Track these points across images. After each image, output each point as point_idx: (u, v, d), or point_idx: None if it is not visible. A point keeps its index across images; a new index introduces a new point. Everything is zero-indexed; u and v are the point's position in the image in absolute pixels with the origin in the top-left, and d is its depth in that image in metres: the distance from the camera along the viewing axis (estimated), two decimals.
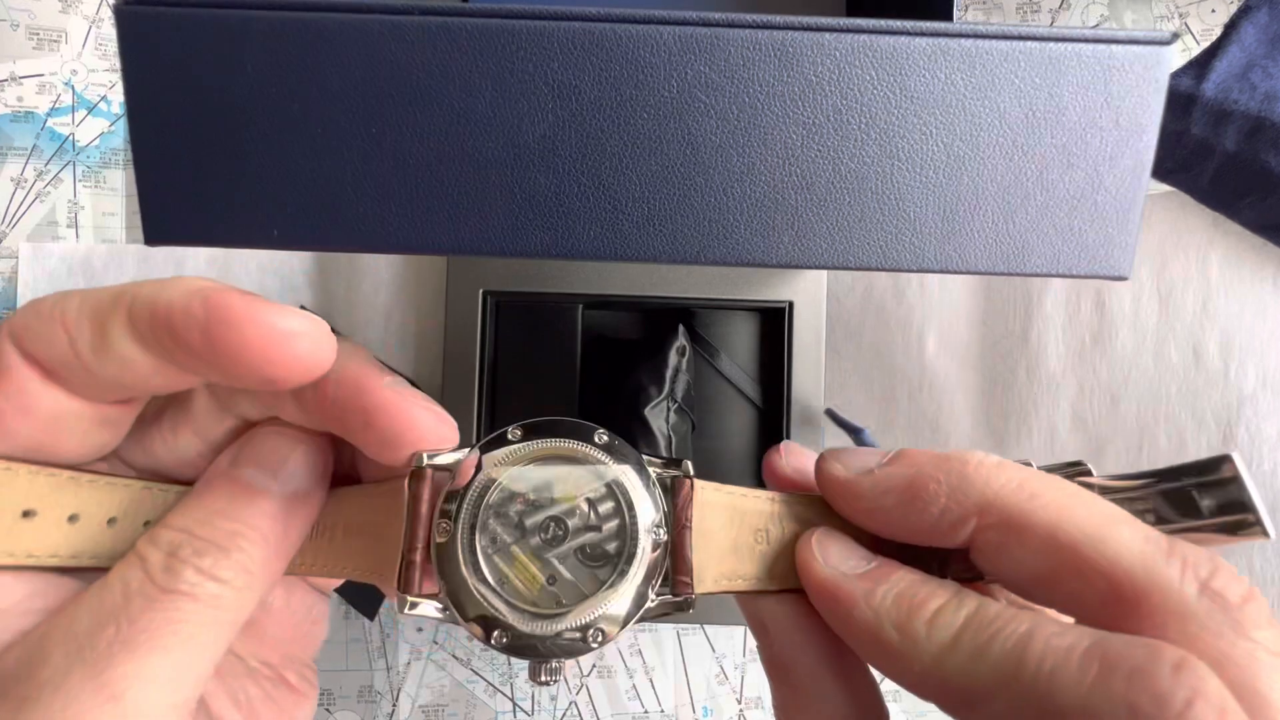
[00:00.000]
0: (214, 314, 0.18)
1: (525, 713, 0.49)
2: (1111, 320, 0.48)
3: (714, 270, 0.44)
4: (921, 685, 0.19)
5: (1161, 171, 0.44)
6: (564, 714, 0.49)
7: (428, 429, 0.21)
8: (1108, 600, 0.18)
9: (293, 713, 0.23)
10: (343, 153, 0.23)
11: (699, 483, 0.22)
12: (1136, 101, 0.24)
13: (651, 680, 0.50)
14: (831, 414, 0.44)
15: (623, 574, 0.21)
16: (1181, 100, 0.41)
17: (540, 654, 0.20)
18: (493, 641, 0.20)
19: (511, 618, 0.20)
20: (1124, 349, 0.48)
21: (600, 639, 0.21)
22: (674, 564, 0.21)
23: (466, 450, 0.22)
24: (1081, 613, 0.18)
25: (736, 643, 0.50)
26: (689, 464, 0.22)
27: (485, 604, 0.20)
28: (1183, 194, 0.46)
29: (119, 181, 0.50)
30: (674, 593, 0.21)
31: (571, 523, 0.21)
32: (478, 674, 0.50)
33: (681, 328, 0.46)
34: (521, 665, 0.50)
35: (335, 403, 0.21)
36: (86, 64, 0.50)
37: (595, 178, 0.24)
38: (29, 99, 0.49)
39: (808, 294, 0.45)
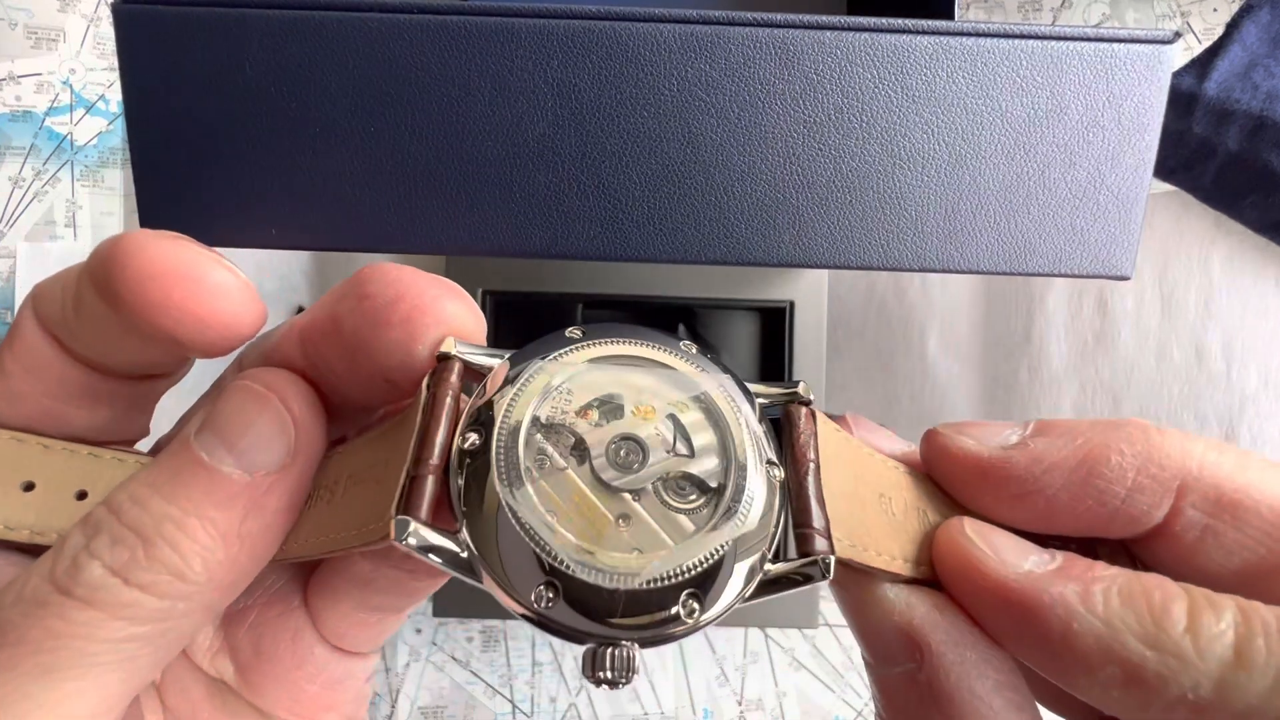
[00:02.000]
0: (131, 261, 0.15)
1: (525, 714, 0.49)
2: (1113, 320, 0.48)
3: (714, 270, 0.44)
4: None
5: (1163, 171, 0.44)
6: (564, 715, 0.49)
7: (456, 314, 0.16)
8: None
9: None
10: (342, 152, 0.23)
11: (821, 415, 0.17)
12: (1138, 100, 0.24)
13: (651, 682, 0.50)
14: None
15: (729, 515, 0.14)
16: (1183, 99, 0.41)
17: (603, 633, 0.14)
18: (535, 602, 0.14)
19: (568, 562, 0.14)
20: (1126, 349, 0.48)
21: (696, 611, 0.14)
22: (798, 515, 0.15)
23: (507, 353, 0.16)
24: None
25: (737, 644, 0.50)
26: (805, 385, 0.17)
27: (528, 540, 0.14)
28: (1185, 193, 0.46)
29: (117, 181, 0.50)
30: (803, 551, 0.15)
31: (650, 445, 0.15)
32: (477, 676, 0.49)
33: (682, 328, 0.46)
34: (522, 666, 0.49)
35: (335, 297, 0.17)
36: (85, 63, 0.50)
37: (595, 177, 0.24)
38: (27, 98, 0.49)
39: (808, 294, 0.45)
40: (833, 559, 0.15)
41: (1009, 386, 0.48)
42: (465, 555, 0.15)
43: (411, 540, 0.14)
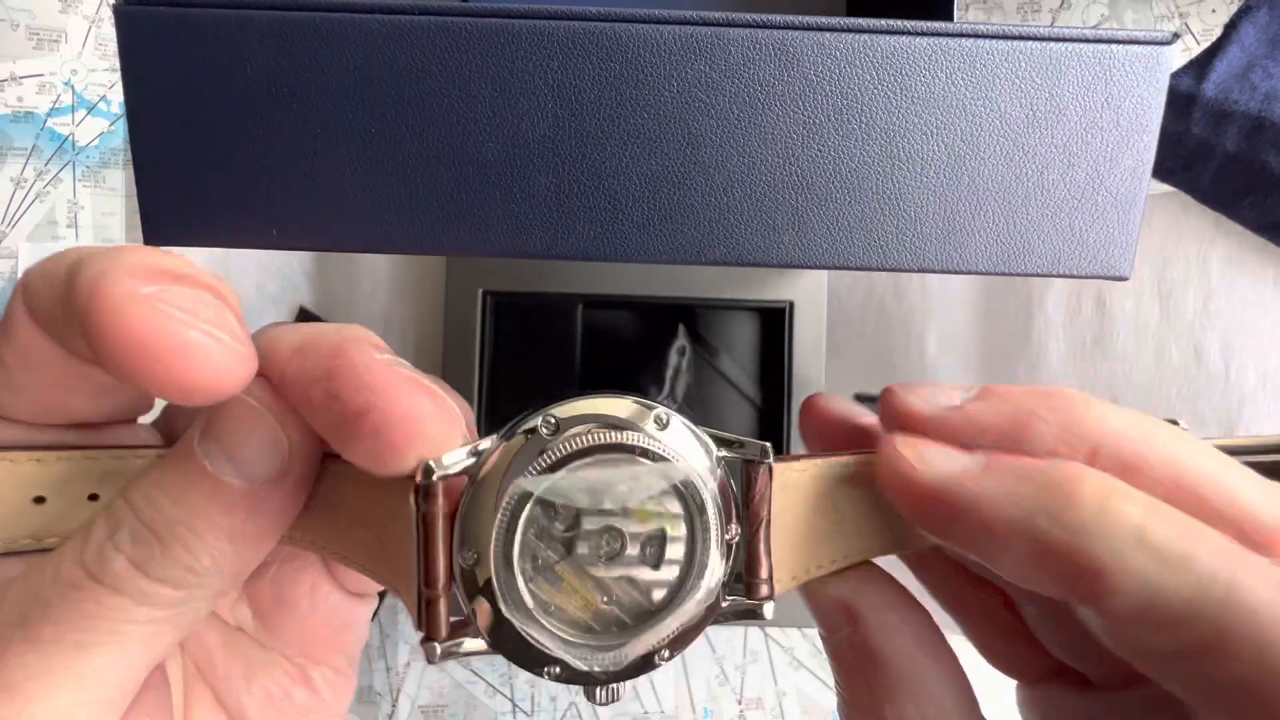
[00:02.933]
0: (109, 330, 0.15)
1: (525, 713, 0.49)
2: (1112, 320, 0.48)
3: (714, 270, 0.44)
4: (1130, 622, 0.14)
5: (1162, 171, 0.44)
6: (564, 714, 0.49)
7: (430, 424, 0.17)
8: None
9: (309, 712, 0.21)
10: (342, 152, 0.23)
11: (779, 466, 0.19)
12: (1137, 101, 0.24)
13: (651, 681, 0.50)
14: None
15: (695, 586, 0.18)
16: (1182, 100, 0.41)
17: (601, 681, 0.18)
18: (545, 675, 0.18)
19: (567, 654, 0.18)
20: (1125, 349, 0.48)
21: (668, 656, 0.18)
22: (749, 564, 0.19)
23: (486, 442, 0.18)
24: None
25: (736, 643, 0.50)
26: (768, 446, 0.19)
27: (534, 643, 0.17)
28: (1183, 194, 0.46)
29: (119, 181, 0.50)
30: (749, 596, 0.19)
31: (630, 532, 0.18)
32: (477, 674, 0.50)
33: (681, 328, 0.46)
34: None
35: (304, 382, 0.17)
36: (86, 64, 0.50)
37: (595, 178, 0.24)
38: (29, 99, 0.49)
39: (808, 294, 0.45)
40: (770, 604, 0.19)
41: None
42: (486, 646, 0.18)
43: (445, 659, 0.18)
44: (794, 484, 0.19)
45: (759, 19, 0.23)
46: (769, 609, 0.19)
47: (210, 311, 0.16)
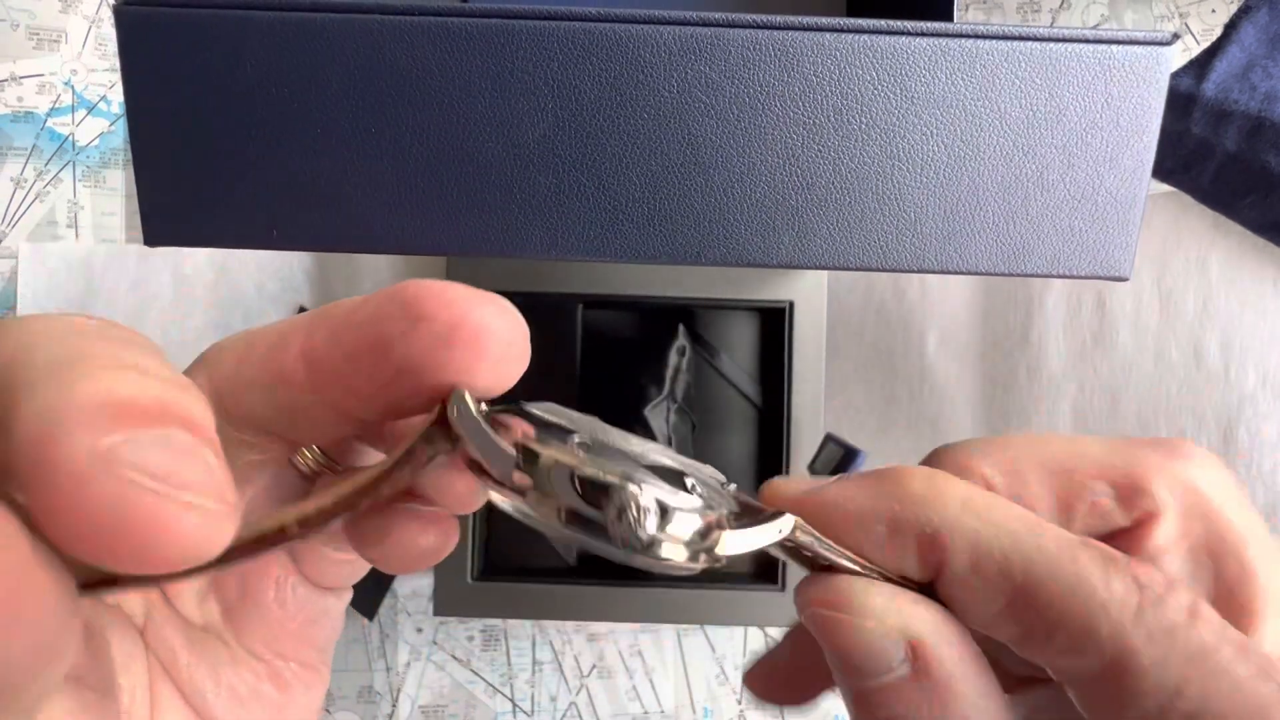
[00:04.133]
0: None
1: (525, 713, 0.49)
2: (1112, 320, 0.48)
3: (714, 270, 0.44)
4: (969, 581, 0.16)
5: (1162, 172, 0.44)
6: (564, 714, 0.49)
7: (508, 331, 0.16)
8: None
9: (280, 708, 0.21)
10: (342, 153, 0.23)
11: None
12: (1137, 101, 0.24)
13: (651, 681, 0.50)
14: (831, 438, 0.44)
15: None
16: (1182, 100, 0.41)
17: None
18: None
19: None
20: (1125, 349, 0.48)
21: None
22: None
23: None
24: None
25: (737, 644, 0.50)
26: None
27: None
28: (1183, 194, 0.46)
29: (119, 181, 0.50)
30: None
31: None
32: (477, 674, 0.50)
33: (681, 328, 0.46)
34: (522, 665, 0.50)
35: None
36: (86, 64, 0.50)
37: (595, 178, 0.24)
38: (29, 99, 0.49)
39: (808, 294, 0.45)
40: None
41: (1008, 387, 0.49)
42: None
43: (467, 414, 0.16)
44: None
45: (759, 19, 0.23)
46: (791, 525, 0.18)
47: (187, 464, 0.13)
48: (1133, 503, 0.18)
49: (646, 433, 0.44)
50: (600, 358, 0.47)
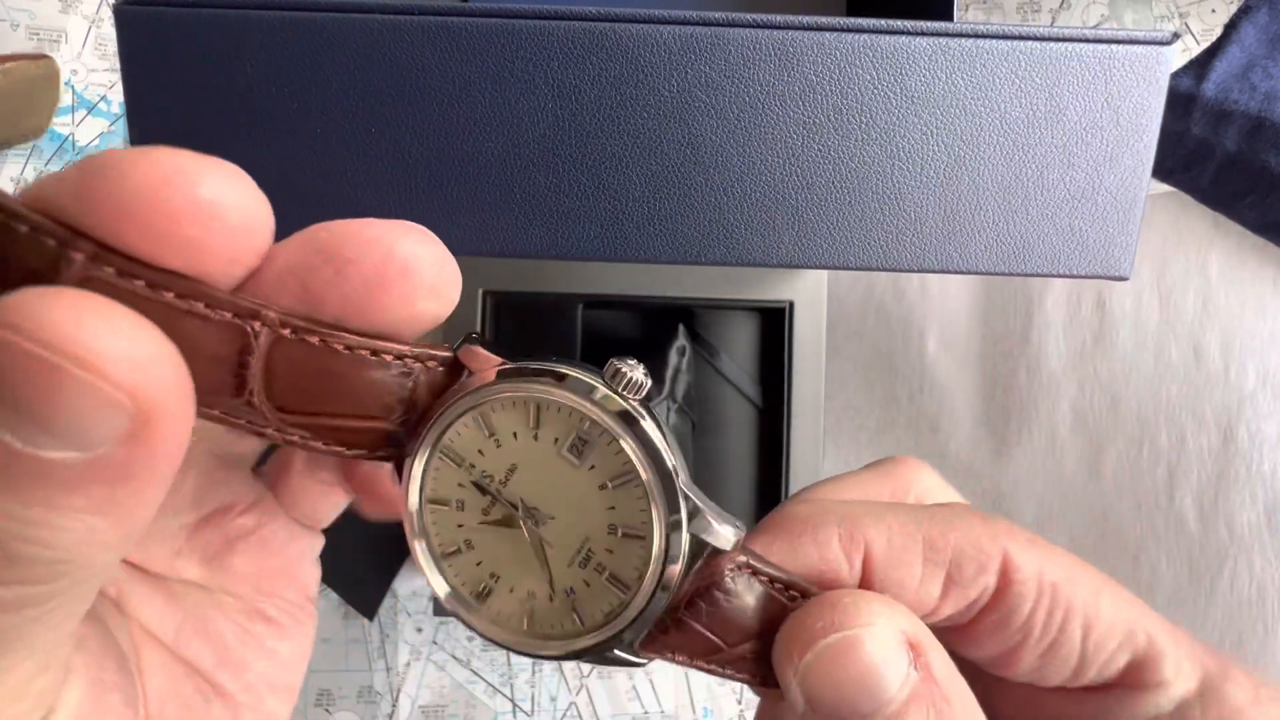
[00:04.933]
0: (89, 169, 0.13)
1: (525, 713, 0.49)
2: (1112, 320, 0.48)
3: (714, 270, 0.44)
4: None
5: (1162, 171, 0.44)
6: (564, 714, 0.49)
7: (432, 258, 0.15)
8: None
9: (273, 646, 0.20)
10: (342, 152, 0.23)
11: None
12: (1137, 101, 0.24)
13: (651, 681, 0.50)
14: None
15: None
16: (1181, 100, 0.41)
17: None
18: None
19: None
20: (1124, 349, 0.48)
21: None
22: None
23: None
24: None
25: None
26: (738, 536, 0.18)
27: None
28: (1183, 194, 0.46)
29: None
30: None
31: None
32: (477, 674, 0.50)
33: (681, 328, 0.46)
34: (522, 665, 0.50)
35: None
36: (86, 64, 0.50)
37: (595, 178, 0.24)
38: None
39: (808, 294, 0.45)
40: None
41: (1007, 386, 0.49)
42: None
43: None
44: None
45: (759, 19, 0.23)
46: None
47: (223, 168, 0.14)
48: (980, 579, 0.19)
49: None
50: (600, 358, 0.47)
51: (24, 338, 0.12)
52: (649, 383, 0.17)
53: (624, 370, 0.17)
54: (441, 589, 0.18)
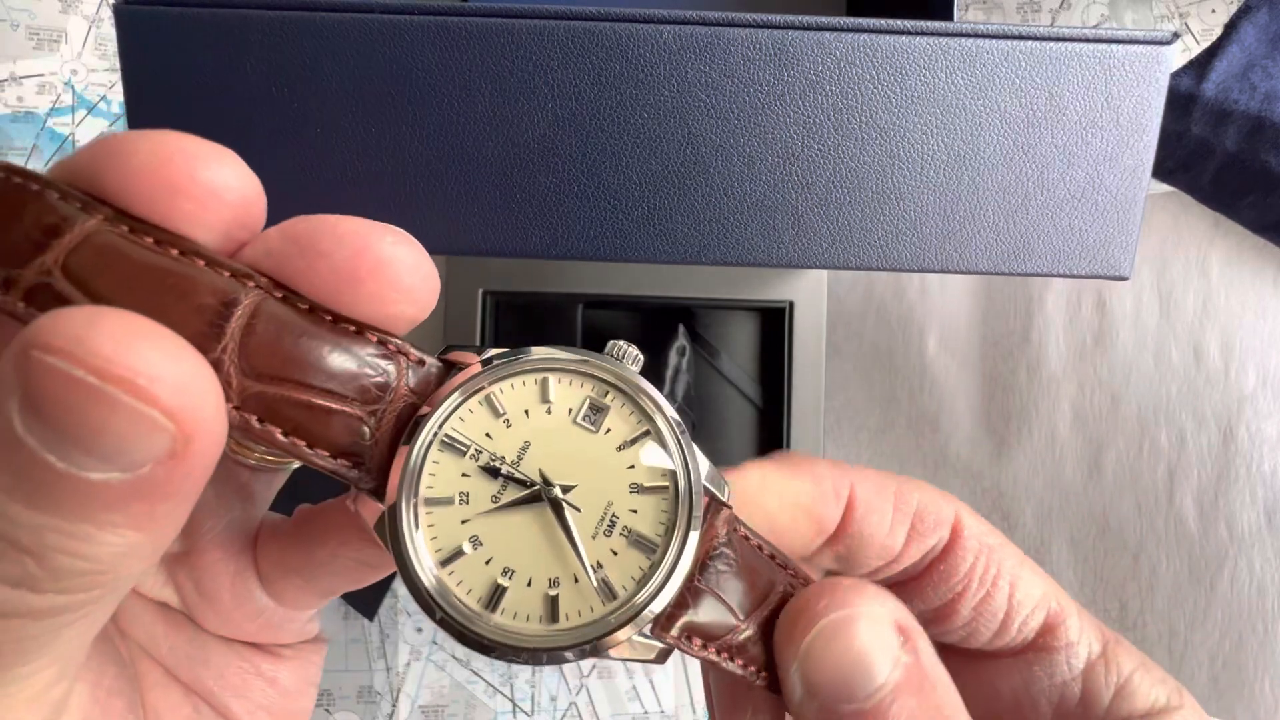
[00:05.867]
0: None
1: (525, 713, 0.49)
2: (1112, 320, 0.48)
3: (714, 270, 0.44)
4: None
5: (1162, 171, 0.44)
6: (564, 714, 0.49)
7: (409, 258, 0.15)
8: None
9: (272, 674, 0.20)
10: (342, 152, 0.23)
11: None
12: (1137, 101, 0.24)
13: (651, 681, 0.50)
14: None
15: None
16: (1181, 100, 0.41)
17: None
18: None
19: None
20: (1125, 349, 0.48)
21: None
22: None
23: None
24: None
25: None
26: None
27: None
28: (1183, 194, 0.46)
29: None
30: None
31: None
32: (477, 674, 0.50)
33: (681, 328, 0.46)
34: (524, 665, 0.50)
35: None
36: (86, 64, 0.50)
37: (595, 177, 0.24)
38: (29, 99, 0.49)
39: (808, 294, 0.45)
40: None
41: (1007, 386, 0.49)
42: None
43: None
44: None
45: (759, 19, 0.23)
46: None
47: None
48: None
49: None
50: None
51: (70, 363, 0.12)
52: (643, 357, 0.18)
53: (622, 345, 0.18)
54: (436, 601, 0.16)
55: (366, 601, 0.48)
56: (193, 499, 0.14)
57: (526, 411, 0.17)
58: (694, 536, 0.17)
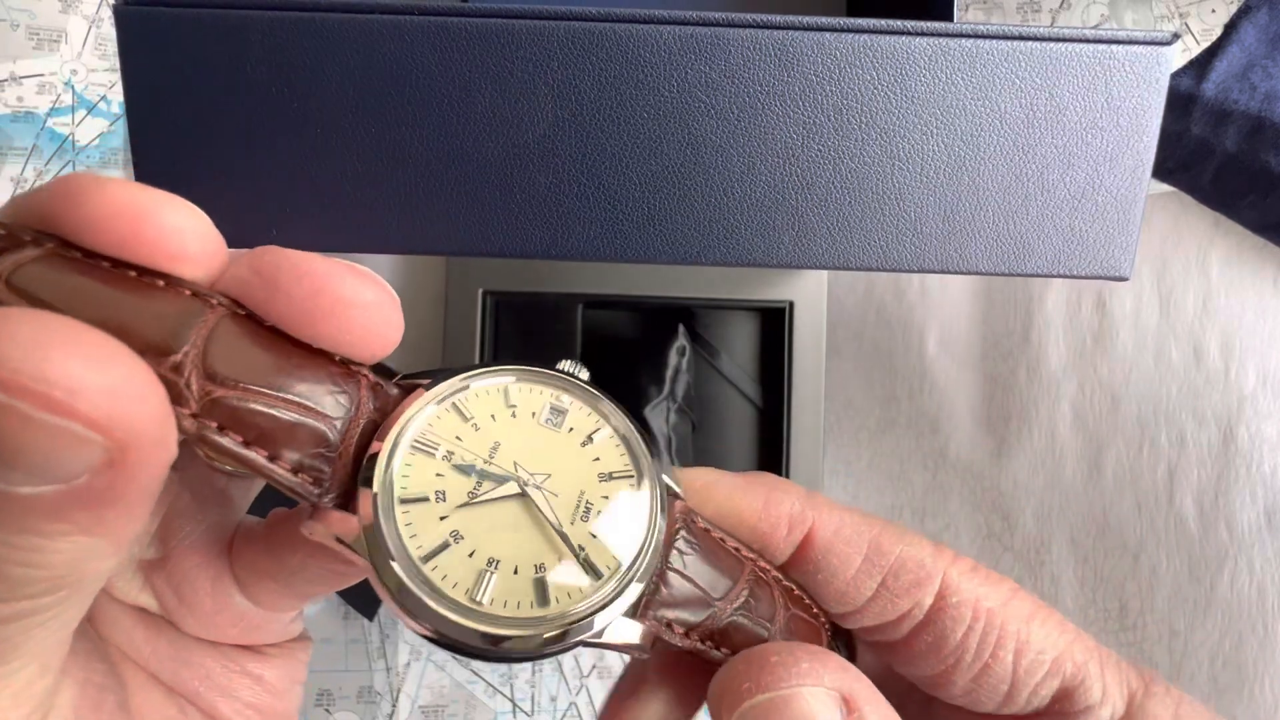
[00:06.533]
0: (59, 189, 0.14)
1: (525, 713, 0.49)
2: (1112, 320, 0.48)
3: (714, 270, 0.44)
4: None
5: (1162, 171, 0.44)
6: (564, 714, 0.49)
7: (373, 297, 0.15)
8: None
9: (258, 672, 0.20)
10: (342, 152, 0.23)
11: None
12: (1137, 101, 0.24)
13: None
14: None
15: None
16: (1181, 100, 0.41)
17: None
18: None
19: None
20: (1124, 349, 0.48)
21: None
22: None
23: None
24: None
25: None
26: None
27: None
28: (1183, 194, 0.46)
29: None
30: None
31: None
32: (477, 674, 0.50)
33: (681, 328, 0.46)
34: (522, 665, 0.50)
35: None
36: (86, 64, 0.50)
37: (595, 178, 0.24)
38: (29, 99, 0.49)
39: (808, 294, 0.45)
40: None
41: (1007, 386, 0.49)
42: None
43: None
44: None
45: (759, 19, 0.23)
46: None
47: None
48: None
49: (647, 433, 0.44)
50: (600, 358, 0.47)
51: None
52: (588, 373, 0.20)
53: (572, 364, 0.19)
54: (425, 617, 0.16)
55: (366, 601, 0.48)
56: (148, 500, 0.13)
57: (493, 415, 0.17)
58: (661, 519, 0.18)
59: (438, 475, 0.16)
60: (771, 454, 0.46)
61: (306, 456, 0.15)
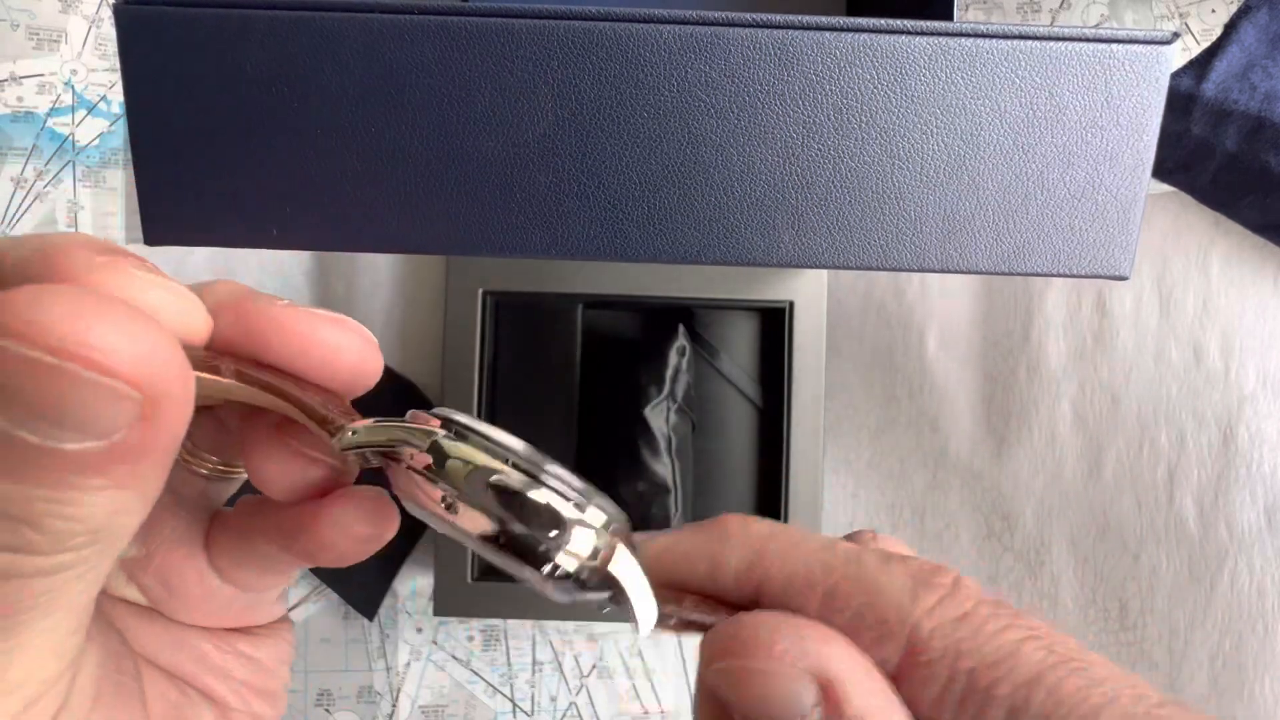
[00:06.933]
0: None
1: (525, 713, 0.49)
2: (1112, 320, 0.48)
3: (714, 270, 0.44)
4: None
5: (1162, 171, 0.44)
6: (564, 714, 0.49)
7: (351, 345, 0.17)
8: None
9: (251, 653, 0.21)
10: (342, 152, 0.23)
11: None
12: (1137, 101, 0.24)
13: (651, 680, 0.50)
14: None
15: None
16: (1181, 100, 0.41)
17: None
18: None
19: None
20: (1124, 349, 0.48)
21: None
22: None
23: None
24: None
25: None
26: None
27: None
28: (1183, 194, 0.46)
29: (119, 181, 0.50)
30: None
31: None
32: (477, 674, 0.50)
33: (681, 328, 0.46)
34: (522, 665, 0.50)
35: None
36: (86, 64, 0.50)
37: (595, 177, 0.24)
38: (29, 99, 0.49)
39: (808, 294, 0.45)
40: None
41: (1007, 386, 0.49)
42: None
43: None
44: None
45: (759, 19, 0.23)
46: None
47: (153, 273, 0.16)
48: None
49: (646, 432, 0.44)
50: (600, 358, 0.47)
51: (26, 345, 0.12)
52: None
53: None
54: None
55: (366, 601, 0.48)
56: (173, 452, 0.15)
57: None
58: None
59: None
60: (771, 454, 0.46)
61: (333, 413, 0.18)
